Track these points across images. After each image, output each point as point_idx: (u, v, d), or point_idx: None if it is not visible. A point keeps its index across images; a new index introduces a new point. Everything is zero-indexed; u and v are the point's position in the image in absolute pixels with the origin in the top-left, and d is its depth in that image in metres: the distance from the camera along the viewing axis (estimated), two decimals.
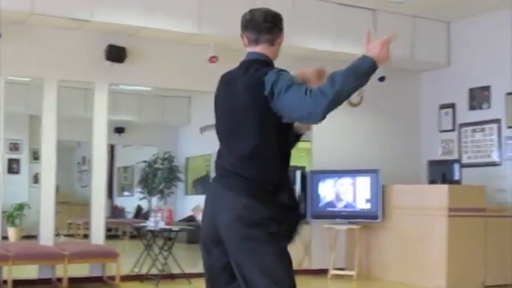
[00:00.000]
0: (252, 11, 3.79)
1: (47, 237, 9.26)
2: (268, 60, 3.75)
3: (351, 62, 3.46)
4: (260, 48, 3.74)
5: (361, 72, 3.46)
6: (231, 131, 3.67)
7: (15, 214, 12.79)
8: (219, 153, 3.76)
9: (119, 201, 18.55)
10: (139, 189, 17.73)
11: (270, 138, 3.61)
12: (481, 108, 11.05)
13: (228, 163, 3.66)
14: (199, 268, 4.72)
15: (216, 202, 3.66)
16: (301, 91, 3.41)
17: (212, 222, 3.64)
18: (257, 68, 3.65)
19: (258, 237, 3.53)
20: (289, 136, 3.71)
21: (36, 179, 12.12)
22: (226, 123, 3.72)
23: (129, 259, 10.16)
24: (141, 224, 10.67)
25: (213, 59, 9.71)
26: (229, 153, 3.67)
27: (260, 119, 3.58)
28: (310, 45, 10.25)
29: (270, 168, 3.63)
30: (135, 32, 9.51)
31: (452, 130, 11.53)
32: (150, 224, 9.92)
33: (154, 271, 9.73)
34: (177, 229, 10.07)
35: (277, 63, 3.81)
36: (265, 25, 3.73)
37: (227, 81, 3.78)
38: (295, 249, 10.55)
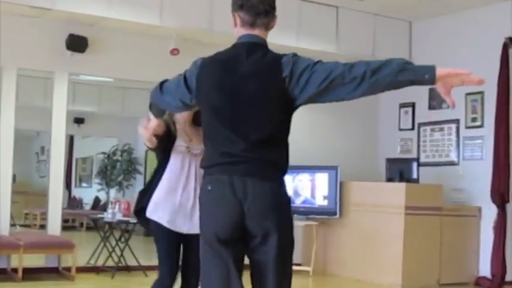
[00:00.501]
0: None
1: (2, 226, 9.15)
2: (267, 45, 3.55)
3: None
4: (257, 32, 3.52)
5: (412, 69, 3.24)
6: (239, 116, 3.38)
7: None
8: (218, 141, 3.44)
9: (76, 192, 18.43)
10: (97, 181, 17.64)
11: (281, 122, 3.44)
12: (440, 108, 11.13)
13: (238, 149, 3.36)
14: (156, 261, 4.71)
15: (237, 193, 3.36)
16: (330, 62, 3.31)
17: (234, 218, 3.37)
18: (264, 52, 3.48)
19: (289, 230, 3.47)
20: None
21: None
22: (230, 109, 3.39)
23: (85, 251, 10.11)
24: (99, 216, 10.61)
25: (174, 51, 9.68)
26: (238, 139, 3.36)
27: (273, 102, 3.38)
28: (274, 41, 10.24)
29: (282, 153, 3.47)
30: (96, 22, 9.44)
31: (412, 129, 11.62)
32: (107, 215, 9.87)
33: (110, 263, 9.68)
34: (135, 221, 10.01)
35: None
36: (263, 8, 3.51)
37: (224, 64, 3.48)
38: None
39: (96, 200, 17.51)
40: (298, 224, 10.67)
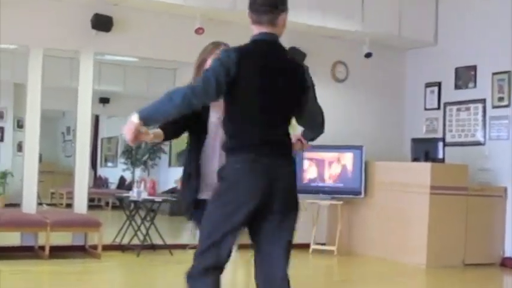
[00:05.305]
0: None
1: (29, 205, 9.24)
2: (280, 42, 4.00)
3: None
4: (266, 29, 3.91)
5: None
6: (275, 108, 3.87)
7: None
8: (248, 127, 3.86)
9: (102, 172, 18.53)
10: (122, 160, 17.73)
11: (290, 118, 3.98)
12: (466, 87, 11.06)
13: (273, 135, 3.87)
14: (181, 239, 4.74)
15: (272, 169, 3.83)
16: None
17: (268, 187, 3.81)
18: (282, 51, 3.96)
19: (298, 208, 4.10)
20: None
21: (20, 147, 12.09)
22: (272, 99, 3.86)
23: (111, 229, 10.16)
24: (124, 195, 10.66)
25: (199, 31, 9.67)
26: (272, 127, 3.88)
27: (293, 102, 3.93)
28: (300, 20, 10.21)
29: (291, 144, 4.04)
30: (121, 1, 9.46)
31: (437, 109, 11.56)
32: (133, 194, 9.92)
33: (136, 241, 9.74)
34: (160, 200, 10.07)
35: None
36: (265, 8, 3.89)
37: (260, 58, 3.88)
38: None
39: (122, 180, 17.61)
40: (323, 203, 10.69)
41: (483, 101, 10.77)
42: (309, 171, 10.81)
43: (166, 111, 3.75)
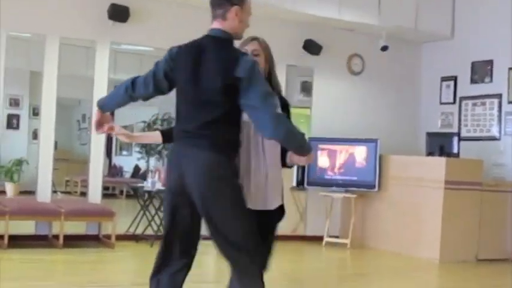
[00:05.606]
0: None
1: (44, 193, 9.30)
2: (227, 38, 3.97)
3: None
4: (217, 25, 3.99)
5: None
6: (198, 100, 3.88)
7: (13, 169, 12.78)
8: (180, 119, 4.01)
9: (117, 161, 18.55)
10: (137, 149, 17.74)
11: (230, 109, 3.84)
12: (482, 82, 11.03)
13: (191, 127, 3.88)
14: None
15: (182, 159, 3.86)
16: (271, 105, 3.75)
17: (179, 178, 3.87)
18: (222, 46, 3.92)
19: (224, 188, 3.82)
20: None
21: (35, 135, 12.11)
22: (195, 92, 3.89)
23: (125, 219, 10.18)
24: (139, 184, 10.66)
25: None
26: (194, 119, 3.88)
27: (226, 94, 3.78)
28: (316, 13, 10.19)
29: (228, 132, 3.87)
30: None
31: (453, 103, 11.52)
32: (147, 184, 9.93)
33: (149, 231, 9.76)
34: None
35: (283, 29, 3.90)
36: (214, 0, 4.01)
37: (194, 54, 3.94)
38: (290, 215, 10.59)
39: (136, 168, 17.62)
40: (337, 196, 10.68)
41: (499, 96, 10.73)
42: (322, 163, 10.79)
43: (114, 99, 4.27)
